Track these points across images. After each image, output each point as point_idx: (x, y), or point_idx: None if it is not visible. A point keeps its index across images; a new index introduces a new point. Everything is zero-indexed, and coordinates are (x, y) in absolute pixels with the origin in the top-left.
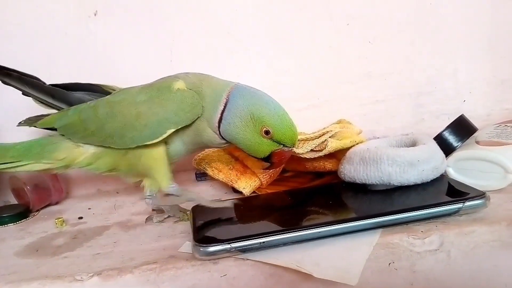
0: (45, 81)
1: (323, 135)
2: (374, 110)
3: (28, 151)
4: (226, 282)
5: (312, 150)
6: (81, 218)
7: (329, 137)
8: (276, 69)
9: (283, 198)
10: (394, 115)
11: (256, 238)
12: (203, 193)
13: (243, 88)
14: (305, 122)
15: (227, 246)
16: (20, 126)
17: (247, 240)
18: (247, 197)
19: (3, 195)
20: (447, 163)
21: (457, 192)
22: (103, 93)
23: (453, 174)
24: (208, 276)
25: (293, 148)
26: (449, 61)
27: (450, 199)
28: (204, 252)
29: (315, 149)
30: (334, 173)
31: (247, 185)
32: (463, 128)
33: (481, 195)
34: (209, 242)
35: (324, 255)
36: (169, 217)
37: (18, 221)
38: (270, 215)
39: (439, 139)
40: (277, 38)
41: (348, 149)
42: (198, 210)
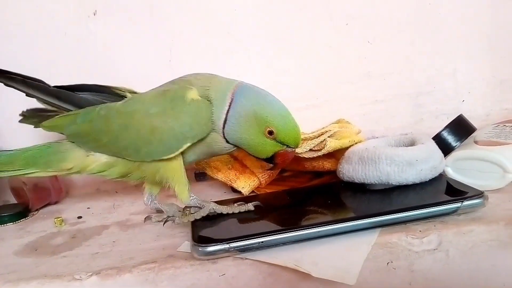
0: (45, 81)
1: (322, 134)
2: (373, 110)
3: (36, 160)
4: (225, 282)
5: (311, 150)
6: (80, 217)
7: (328, 136)
8: (276, 69)
9: (282, 198)
10: (394, 115)
11: (254, 238)
12: (202, 193)
13: (247, 88)
14: (304, 122)
15: (226, 246)
16: (21, 122)
17: (245, 239)
18: (248, 196)
19: (2, 195)
20: (445, 162)
21: (455, 192)
22: (110, 94)
23: (452, 173)
24: (207, 275)
25: (296, 149)
26: (448, 61)
27: (449, 198)
28: (203, 251)
29: (314, 148)
30: (333, 172)
31: (246, 184)
32: (461, 128)
33: (479, 194)
34: (208, 241)
35: (322, 254)
36: (168, 217)
37: (17, 220)
38: (268, 214)
39: (438, 139)
40: (277, 38)
41: (347, 148)
42: None
